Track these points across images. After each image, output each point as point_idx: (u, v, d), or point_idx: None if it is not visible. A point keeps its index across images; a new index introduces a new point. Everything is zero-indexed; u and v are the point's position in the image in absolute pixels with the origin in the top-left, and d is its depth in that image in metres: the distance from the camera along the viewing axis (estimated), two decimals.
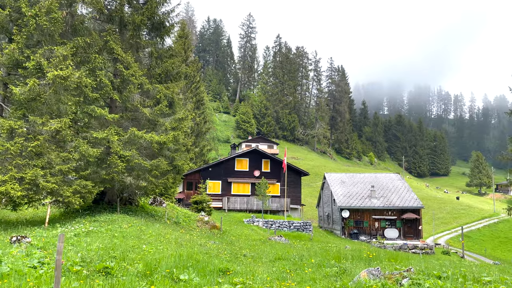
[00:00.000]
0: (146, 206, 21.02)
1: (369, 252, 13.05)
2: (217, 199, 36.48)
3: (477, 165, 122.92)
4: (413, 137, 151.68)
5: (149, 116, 18.11)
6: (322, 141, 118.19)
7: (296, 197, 38.47)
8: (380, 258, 12.26)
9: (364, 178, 43.92)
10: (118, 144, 16.59)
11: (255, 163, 38.25)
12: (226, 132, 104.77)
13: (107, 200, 19.07)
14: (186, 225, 20.42)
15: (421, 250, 33.80)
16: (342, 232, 38.11)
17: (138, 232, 13.11)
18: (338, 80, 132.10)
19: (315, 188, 74.03)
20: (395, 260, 12.32)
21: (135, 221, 15.69)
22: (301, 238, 27.16)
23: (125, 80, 17.35)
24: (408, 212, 37.99)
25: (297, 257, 12.67)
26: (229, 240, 17.67)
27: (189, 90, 46.19)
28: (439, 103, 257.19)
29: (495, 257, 41.58)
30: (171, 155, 18.71)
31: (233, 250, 13.51)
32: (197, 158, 44.51)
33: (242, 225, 28.69)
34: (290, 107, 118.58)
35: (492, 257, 40.48)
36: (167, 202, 23.69)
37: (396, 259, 12.46)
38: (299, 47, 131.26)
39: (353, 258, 12.42)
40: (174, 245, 11.48)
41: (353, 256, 12.68)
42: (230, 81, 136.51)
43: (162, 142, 17.59)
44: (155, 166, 17.36)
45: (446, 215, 65.88)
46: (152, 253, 9.59)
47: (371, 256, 12.14)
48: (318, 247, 20.23)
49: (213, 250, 12.17)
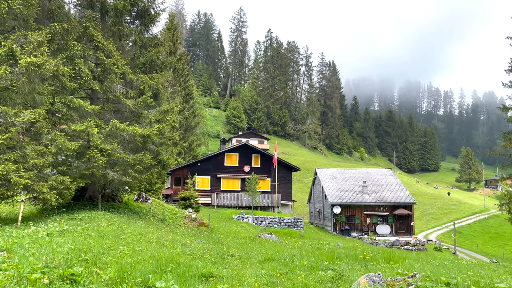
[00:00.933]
0: (130, 203, 20.07)
1: (364, 252, 12.31)
2: (206, 195, 35.59)
3: (467, 161, 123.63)
4: (403, 133, 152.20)
5: (132, 107, 17.12)
6: (313, 137, 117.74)
7: (287, 192, 37.75)
8: (377, 259, 11.53)
9: (355, 173, 43.38)
10: (99, 137, 15.59)
11: (245, 158, 37.39)
12: (216, 127, 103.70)
13: (88, 196, 18.07)
14: (172, 223, 19.54)
15: (413, 247, 33.36)
16: (333, 229, 37.54)
17: (117, 231, 12.20)
18: (329, 76, 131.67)
19: (305, 184, 73.51)
20: (392, 260, 11.60)
21: (116, 218, 14.76)
22: (292, 235, 26.45)
23: (106, 70, 16.31)
24: (400, 208, 37.56)
25: (288, 257, 11.88)
26: (216, 238, 16.83)
27: (178, 83, 45.09)
28: (429, 99, 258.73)
29: (486, 253, 41.45)
30: (156, 149, 17.76)
31: (220, 250, 12.68)
32: (186, 153, 43.51)
33: (231, 222, 27.88)
34: (281, 102, 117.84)
35: (483, 253, 40.32)
36: (153, 199, 22.75)
37: (393, 259, 11.74)
38: (290, 42, 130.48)
39: (347, 258, 11.68)
40: (155, 246, 10.60)
41: (348, 256, 11.93)
42: (221, 75, 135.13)
43: (146, 135, 16.63)
44: (138, 161, 16.41)
45: (437, 210, 65.94)
46: (129, 256, 8.71)
47: (367, 257, 11.40)
48: (309, 245, 19.50)
49: (198, 251, 11.32)
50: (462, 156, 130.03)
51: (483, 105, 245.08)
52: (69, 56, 15.43)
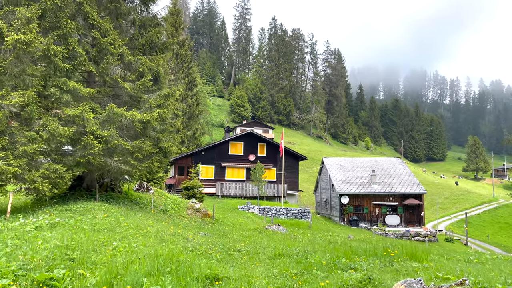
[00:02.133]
0: (130, 193, 19.06)
1: (388, 249, 11.20)
2: (210, 184, 34.58)
3: (474, 150, 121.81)
4: (409, 122, 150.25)
5: (131, 91, 15.98)
6: (318, 126, 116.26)
7: (293, 182, 36.67)
8: (401, 254, 10.39)
9: (364, 162, 42.19)
10: (95, 122, 14.49)
11: (250, 147, 36.27)
12: (220, 117, 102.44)
13: (85, 186, 17.05)
14: (174, 214, 18.54)
15: (424, 238, 32.33)
16: (341, 219, 36.52)
17: (113, 223, 11.16)
18: (335, 64, 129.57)
19: (311, 174, 72.45)
20: (415, 256, 10.47)
21: (114, 210, 13.74)
22: (299, 226, 25.46)
23: (102, 50, 15.13)
24: (410, 198, 36.41)
25: (300, 253, 10.81)
26: (221, 230, 15.80)
27: (181, 70, 43.83)
28: (435, 88, 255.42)
29: (498, 244, 40.36)
30: (157, 136, 16.65)
31: (226, 244, 11.63)
32: (189, 142, 42.46)
33: (236, 213, 26.89)
34: (285, 91, 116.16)
35: (495, 244, 39.24)
36: (155, 188, 21.74)
37: (416, 255, 10.59)
38: (295, 29, 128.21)
39: (366, 254, 10.58)
40: (154, 241, 9.55)
41: (366, 252, 10.83)
42: (225, 64, 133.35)
43: (145, 121, 15.50)
44: (137, 148, 15.32)
45: (445, 200, 64.72)
46: (123, 253, 7.65)
47: (392, 254, 10.28)
48: (320, 237, 18.47)
49: (201, 246, 10.26)
50: (469, 145, 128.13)
51: (490, 94, 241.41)
52: (61, 34, 14.25)
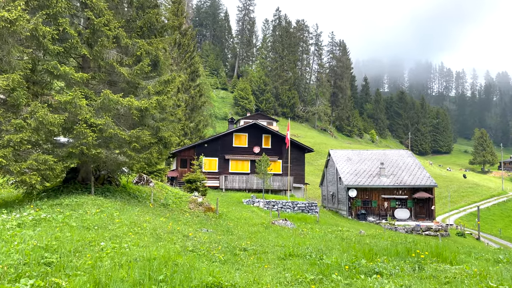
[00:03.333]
0: (129, 186, 18.01)
1: (417, 250, 10.06)
2: (214, 177, 33.53)
3: (481, 143, 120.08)
4: (415, 114, 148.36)
5: (128, 77, 14.83)
6: (323, 118, 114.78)
7: (299, 175, 35.55)
8: (429, 256, 9.24)
9: (372, 155, 40.98)
10: (88, 110, 13.39)
11: (254, 139, 35.13)
12: (223, 109, 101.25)
13: (80, 179, 16.01)
14: (175, 208, 17.48)
15: (436, 232, 31.19)
16: (348, 213, 35.42)
17: (106, 219, 10.09)
18: (340, 55, 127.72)
19: (316, 167, 71.32)
20: (442, 256, 9.34)
21: (109, 204, 12.68)
22: (306, 220, 24.37)
23: (96, 31, 13.98)
24: (420, 191, 35.22)
25: (313, 252, 9.72)
26: (225, 226, 14.73)
27: (183, 60, 42.63)
28: (440, 80, 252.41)
29: (511, 238, 39.14)
30: (156, 125, 15.54)
31: (230, 242, 10.56)
32: (192, 134, 41.40)
33: (241, 206, 25.83)
34: (290, 83, 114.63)
35: (508, 239, 38.08)
36: (155, 181, 20.69)
37: (443, 255, 9.46)
38: (299, 21, 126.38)
39: (387, 254, 9.47)
40: (149, 239, 8.47)
41: (387, 251, 9.71)
42: (228, 56, 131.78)
43: (143, 109, 14.38)
44: (135, 138, 14.22)
45: (453, 193, 63.42)
46: (111, 256, 6.57)
47: (421, 255, 9.15)
48: (330, 233, 17.36)
49: (203, 245, 9.18)
50: (476, 137, 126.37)
51: (496, 86, 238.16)
52: (51, 14, 13.09)
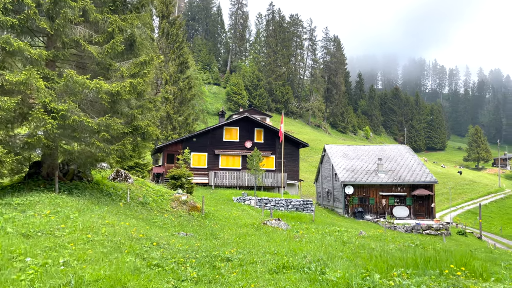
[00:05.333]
0: (103, 182, 16.05)
1: (426, 255, 8.27)
2: (203, 174, 31.62)
3: (476, 139, 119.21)
4: (409, 111, 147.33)
5: (98, 57, 12.88)
6: (317, 114, 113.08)
7: (293, 171, 33.75)
8: (449, 263, 7.48)
9: (369, 150, 39.31)
10: (49, 93, 11.44)
11: (246, 133, 33.24)
12: (216, 105, 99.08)
13: (45, 174, 14.01)
14: (155, 207, 15.57)
15: (437, 231, 29.61)
16: (345, 211, 33.73)
17: (58, 222, 8.18)
18: (334, 51, 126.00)
19: (310, 163, 69.67)
20: (468, 266, 7.56)
21: (71, 203, 10.75)
22: (301, 219, 22.58)
23: (58, 2, 12.00)
24: (420, 188, 33.62)
25: (312, 262, 7.90)
26: (210, 228, 12.88)
27: (172, 50, 40.57)
28: (434, 77, 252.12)
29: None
30: (131, 113, 13.60)
31: (211, 250, 8.70)
32: (181, 128, 39.42)
33: (230, 205, 23.98)
34: (283, 78, 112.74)
35: (510, 237, 36.62)
36: (135, 177, 18.76)
37: (469, 265, 7.69)
38: (293, 15, 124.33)
39: (404, 264, 7.67)
40: (102, 250, 6.57)
41: (402, 261, 7.91)
42: (221, 51, 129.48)
43: (114, 93, 12.45)
44: (104, 126, 12.27)
45: (450, 190, 62.06)
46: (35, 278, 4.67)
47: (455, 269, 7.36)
48: (328, 234, 15.57)
49: (175, 255, 7.31)
50: (471, 134, 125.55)
51: (489, 83, 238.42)
52: None
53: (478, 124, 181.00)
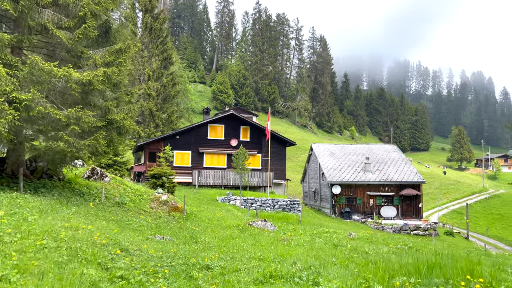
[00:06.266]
0: (76, 181, 14.88)
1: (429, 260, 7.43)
2: (186, 172, 30.50)
3: (459, 140, 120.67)
4: (394, 111, 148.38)
5: (68, 43, 11.75)
6: (303, 114, 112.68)
7: (280, 170, 32.90)
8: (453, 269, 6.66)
9: (356, 149, 38.75)
10: (10, 81, 10.28)
11: (232, 131, 32.24)
12: (201, 103, 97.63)
13: (9, 171, 12.80)
14: (133, 207, 14.48)
15: (425, 232, 29.15)
16: (332, 211, 33.05)
17: (12, 226, 7.08)
18: (320, 51, 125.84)
19: (297, 163, 69.03)
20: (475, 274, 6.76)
21: (34, 203, 9.63)
22: (288, 220, 21.73)
23: None
24: (408, 188, 33.17)
25: (303, 270, 7.00)
26: (190, 231, 11.88)
27: (155, 46, 39.27)
28: (418, 78, 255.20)
29: (498, 237, 37.69)
30: (105, 105, 12.48)
31: (190, 255, 7.73)
32: (164, 125, 38.16)
33: (215, 205, 22.98)
34: (270, 77, 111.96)
35: (496, 238, 36.55)
36: (111, 176, 17.60)
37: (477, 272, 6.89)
38: (280, 14, 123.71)
39: (405, 272, 6.82)
40: (57, 259, 5.53)
41: (403, 268, 7.06)
42: (207, 49, 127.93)
43: (85, 82, 11.34)
44: (73, 119, 11.14)
45: (435, 190, 62.24)
46: None
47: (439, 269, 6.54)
48: (317, 236, 14.73)
49: (146, 263, 6.31)
50: (454, 135, 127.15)
51: (471, 85, 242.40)
52: None
53: (460, 125, 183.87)
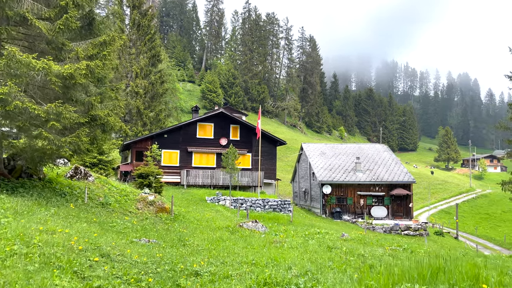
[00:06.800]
0: (58, 180, 14.16)
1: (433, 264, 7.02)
2: (174, 172, 29.82)
3: (446, 140, 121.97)
4: (382, 112, 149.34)
5: (48, 34, 11.08)
6: (293, 114, 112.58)
7: (270, 170, 32.44)
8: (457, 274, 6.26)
9: (347, 149, 38.51)
10: None
11: (221, 129, 31.66)
12: (190, 102, 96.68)
13: None
14: (118, 208, 13.84)
15: (415, 232, 28.98)
16: (322, 211, 32.71)
17: None
18: (310, 51, 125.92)
19: (286, 163, 68.70)
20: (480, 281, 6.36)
21: (10, 204, 8.99)
22: (279, 220, 21.27)
23: None
24: (398, 188, 33.00)
25: (300, 276, 6.52)
26: (178, 233, 11.32)
27: (143, 43, 38.48)
28: (405, 79, 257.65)
29: (487, 236, 37.83)
30: (87, 100, 11.83)
31: (178, 260, 7.19)
32: (152, 124, 37.38)
33: (204, 205, 22.40)
34: (259, 77, 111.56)
35: (485, 237, 36.66)
36: (96, 175, 16.89)
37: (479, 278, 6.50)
38: (269, 14, 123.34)
39: (408, 278, 6.39)
40: (24, 269, 4.95)
41: (405, 273, 6.63)
42: (196, 48, 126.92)
43: (67, 76, 10.69)
44: (54, 114, 10.49)
45: (423, 190, 62.52)
46: None
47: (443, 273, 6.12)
48: (310, 237, 14.30)
49: (128, 271, 5.75)
50: (441, 135, 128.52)
51: (458, 86, 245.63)
52: None
53: (447, 126, 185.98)
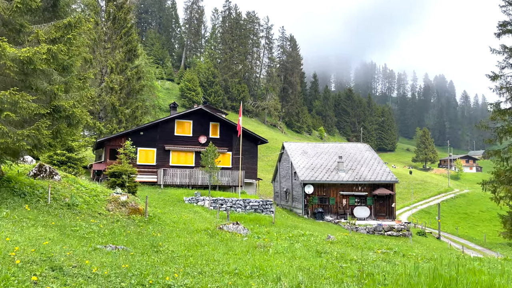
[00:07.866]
0: (18, 179, 12.80)
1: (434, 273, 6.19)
2: (151, 171, 28.48)
3: (424, 141, 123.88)
4: (362, 112, 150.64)
5: (4, 13, 9.80)
6: (273, 114, 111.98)
7: (251, 169, 31.46)
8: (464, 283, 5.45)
9: (329, 148, 37.92)
10: None
11: (201, 127, 30.48)
12: (169, 101, 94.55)
13: None
14: (86, 210, 12.58)
15: (398, 232, 28.57)
16: (304, 211, 31.97)
17: None
18: (290, 50, 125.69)
19: (267, 162, 67.89)
20: None
21: None
22: (260, 222, 20.33)
23: None
24: (381, 188, 32.61)
25: None
26: (152, 237, 10.18)
27: (118, 36, 36.88)
28: (384, 81, 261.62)
29: (468, 236, 37.93)
30: (50, 89, 10.56)
31: (148, 271, 6.11)
32: (128, 121, 35.87)
33: (181, 206, 21.22)
34: (239, 76, 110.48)
35: (466, 237, 36.71)
36: (63, 173, 15.53)
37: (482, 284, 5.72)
38: (250, 12, 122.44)
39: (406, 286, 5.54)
40: None
41: (402, 282, 5.78)
42: (175, 46, 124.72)
43: (25, 60, 9.44)
44: (9, 103, 9.22)
45: (403, 190, 62.83)
46: None
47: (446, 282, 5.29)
48: (295, 240, 13.39)
49: (85, 287, 4.66)
50: (419, 136, 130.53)
51: (434, 88, 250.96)
52: None
53: (424, 127, 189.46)
